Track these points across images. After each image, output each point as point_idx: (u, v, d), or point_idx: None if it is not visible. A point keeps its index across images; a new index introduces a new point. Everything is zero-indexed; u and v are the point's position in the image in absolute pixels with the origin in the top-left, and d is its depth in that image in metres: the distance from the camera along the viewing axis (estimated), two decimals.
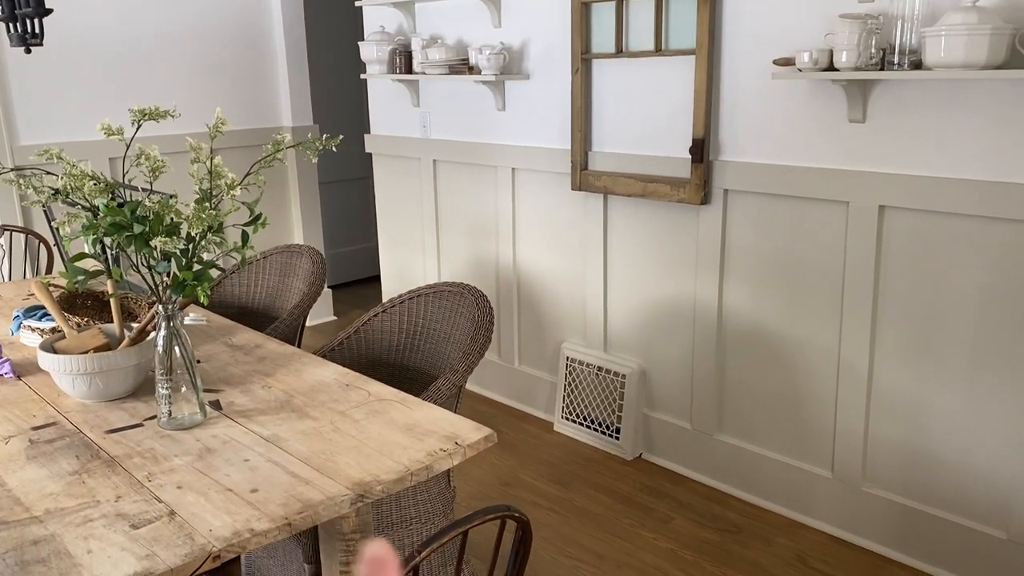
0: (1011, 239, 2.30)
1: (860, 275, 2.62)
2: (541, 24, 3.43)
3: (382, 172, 4.44)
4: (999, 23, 2.11)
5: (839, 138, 2.60)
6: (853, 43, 2.36)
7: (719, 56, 2.85)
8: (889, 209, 2.53)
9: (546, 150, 3.52)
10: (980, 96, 2.29)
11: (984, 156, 2.31)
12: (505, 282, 3.87)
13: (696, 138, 2.94)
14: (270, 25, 4.88)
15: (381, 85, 4.28)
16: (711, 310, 3.06)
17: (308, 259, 3.06)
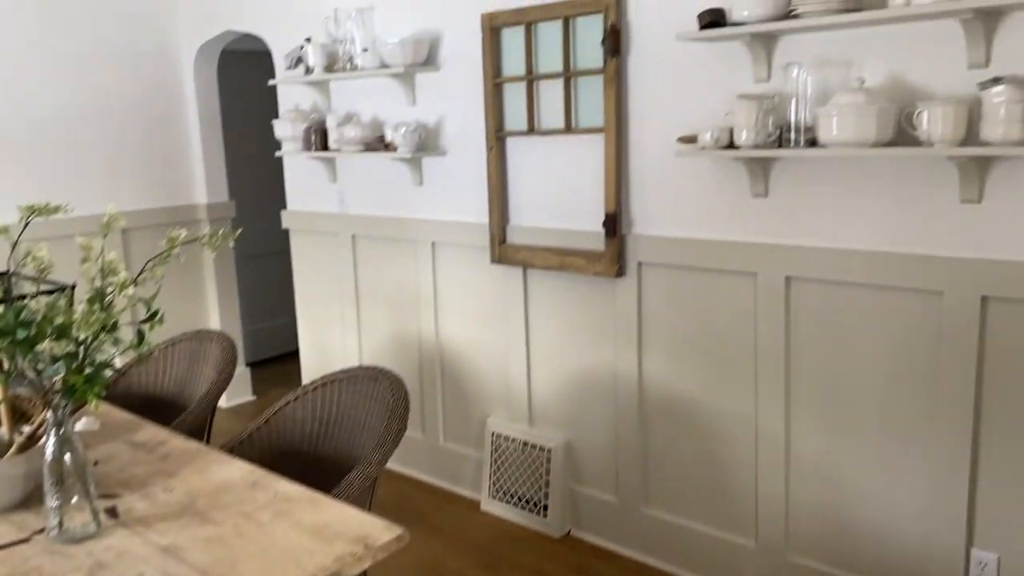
0: (909, 307, 2.38)
1: (771, 344, 2.67)
2: (455, 102, 3.47)
3: (300, 248, 4.38)
4: (884, 103, 2.21)
5: (744, 212, 2.68)
6: (751, 122, 2.44)
7: (627, 134, 2.92)
8: (795, 280, 2.60)
9: (465, 224, 3.53)
10: (871, 171, 2.39)
11: (879, 228, 2.40)
12: (428, 357, 3.83)
13: (609, 213, 2.98)
14: (182, 101, 4.82)
15: (297, 162, 4.25)
16: (632, 381, 3.07)
17: (218, 345, 2.97)
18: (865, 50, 2.35)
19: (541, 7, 3.04)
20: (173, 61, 4.76)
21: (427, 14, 3.49)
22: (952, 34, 2.18)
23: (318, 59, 3.75)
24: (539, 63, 3.13)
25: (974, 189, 2.20)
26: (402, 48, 3.38)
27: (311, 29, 3.90)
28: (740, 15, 2.43)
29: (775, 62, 2.53)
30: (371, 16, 3.66)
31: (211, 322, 5.05)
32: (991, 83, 2.04)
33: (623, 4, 2.84)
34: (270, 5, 4.19)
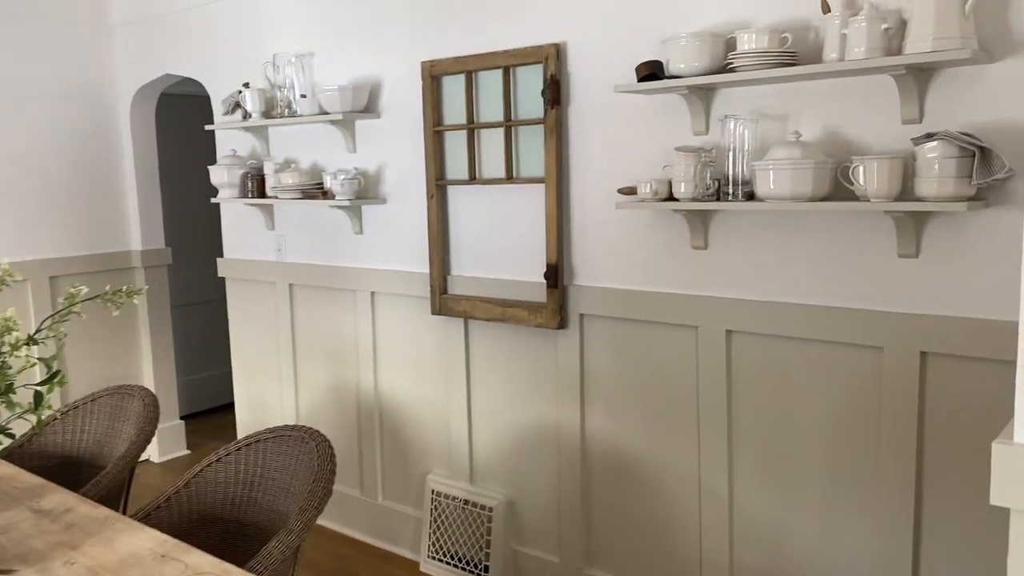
0: (850, 362, 2.34)
1: (713, 399, 2.61)
2: (396, 150, 3.41)
3: (236, 297, 4.24)
4: (821, 157, 2.20)
5: (684, 264, 2.64)
6: (690, 175, 2.41)
7: (568, 184, 2.88)
8: (736, 334, 2.55)
9: (405, 274, 3.44)
10: (810, 225, 2.37)
11: (818, 282, 2.38)
12: (367, 411, 3.70)
13: (550, 263, 2.92)
14: (118, 144, 4.68)
15: (235, 208, 4.14)
16: (574, 436, 2.99)
17: (139, 401, 2.82)
18: (801, 104, 2.35)
19: (481, 56, 3.01)
20: (109, 102, 4.63)
21: (367, 61, 3.44)
22: (886, 89, 2.18)
23: (256, 104, 3.67)
24: (480, 112, 3.09)
25: (911, 244, 2.19)
26: (341, 95, 3.32)
27: (250, 74, 3.83)
28: (678, 68, 2.41)
29: (713, 114, 2.51)
30: (311, 62, 3.60)
31: (144, 373, 4.85)
32: (924, 139, 2.04)
33: (563, 55, 2.82)
34: (209, 49, 4.11)
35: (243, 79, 3.85)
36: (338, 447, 3.84)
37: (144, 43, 4.46)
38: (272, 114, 3.70)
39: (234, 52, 3.97)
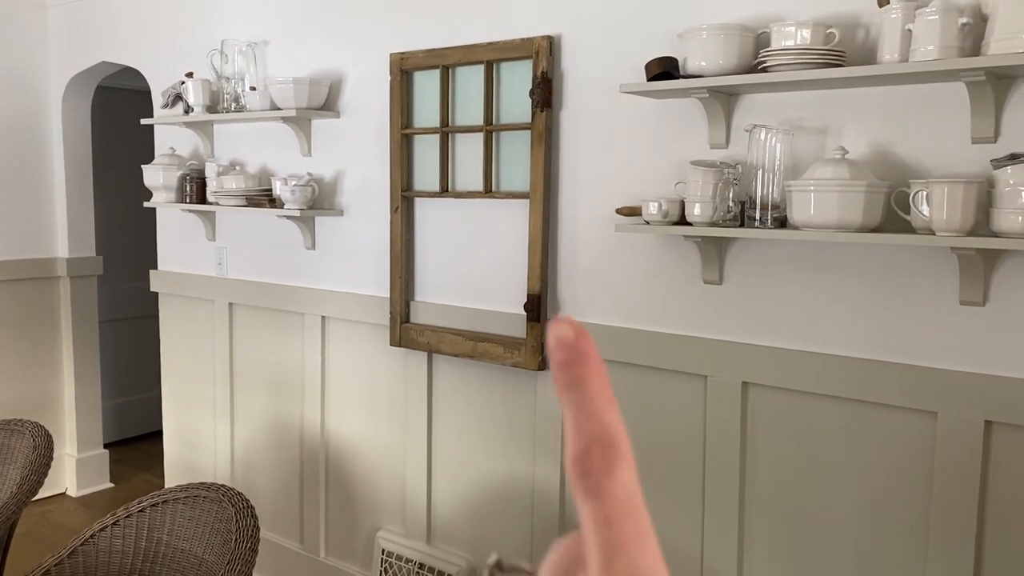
0: (895, 429, 1.94)
1: (723, 464, 2.19)
2: (357, 155, 2.96)
3: (170, 315, 3.74)
4: (874, 179, 1.80)
5: (693, 301, 2.22)
6: (707, 194, 2.01)
7: (557, 201, 2.46)
8: (754, 387, 2.14)
9: (362, 297, 2.99)
10: (851, 260, 1.97)
11: (858, 329, 1.97)
12: (311, 453, 3.22)
13: (532, 293, 2.50)
14: (46, 139, 4.17)
15: (171, 215, 3.65)
16: (552, 496, 2.55)
17: (30, 439, 2.32)
18: (844, 114, 1.95)
19: (460, 49, 2.58)
20: (37, 92, 4.13)
21: (328, 52, 3.00)
22: (954, 99, 1.80)
23: (199, 97, 3.21)
24: (456, 114, 2.67)
25: (977, 289, 1.80)
26: (296, 89, 2.87)
27: (196, 63, 3.37)
28: (697, 66, 2.01)
29: (734, 124, 2.11)
30: (264, 51, 3.16)
31: (65, 395, 4.31)
32: (1008, 160, 1.65)
33: (556, 50, 2.41)
34: (150, 35, 3.64)
35: (187, 69, 3.38)
36: (278, 492, 3.36)
37: (80, 27, 3.98)
38: (217, 109, 3.24)
39: (179, 39, 3.51)
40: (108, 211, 4.73)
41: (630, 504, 0.26)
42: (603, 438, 0.26)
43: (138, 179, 3.51)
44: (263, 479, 3.39)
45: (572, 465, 0.26)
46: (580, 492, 0.26)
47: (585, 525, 0.26)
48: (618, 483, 0.26)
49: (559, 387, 0.27)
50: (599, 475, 0.26)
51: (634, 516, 0.26)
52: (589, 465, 0.26)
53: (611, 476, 0.26)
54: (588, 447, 0.26)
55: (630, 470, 0.26)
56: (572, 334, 0.27)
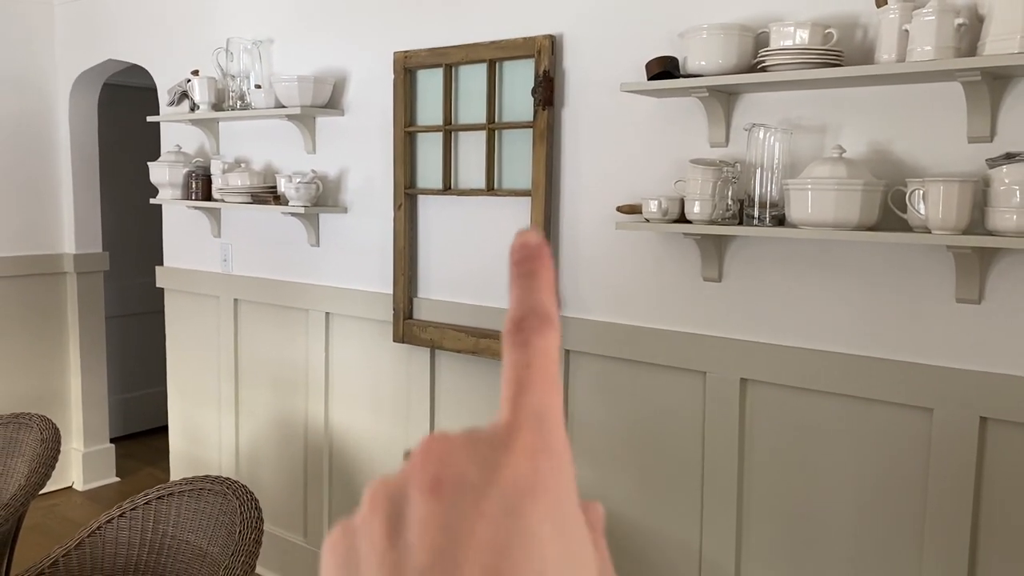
0: (891, 425, 1.96)
1: (722, 459, 2.21)
2: (361, 152, 2.99)
3: (175, 311, 3.77)
4: (871, 178, 1.82)
5: (693, 298, 2.25)
6: (707, 193, 2.03)
7: (558, 199, 2.48)
8: (752, 383, 2.16)
9: (365, 293, 3.01)
10: (849, 258, 1.99)
11: (855, 327, 1.99)
12: (314, 448, 3.25)
13: None
14: (54, 136, 4.20)
15: (177, 211, 3.68)
16: None
17: (37, 432, 2.35)
18: (842, 114, 1.97)
19: (463, 47, 2.61)
20: (44, 89, 4.16)
21: (333, 50, 3.03)
22: (950, 99, 1.82)
23: (205, 95, 3.23)
24: (459, 112, 2.69)
25: (973, 287, 1.82)
26: (301, 86, 2.90)
27: (202, 61, 3.40)
28: (697, 65, 2.03)
29: (734, 123, 2.13)
30: (269, 49, 3.18)
31: (72, 390, 4.35)
32: (1003, 159, 1.67)
33: (558, 48, 2.43)
34: (157, 33, 3.67)
35: (193, 67, 3.41)
36: (282, 486, 3.39)
37: (87, 24, 4.01)
38: (223, 106, 3.26)
39: (185, 36, 3.54)
40: (115, 207, 4.77)
41: (550, 360, 0.28)
42: (541, 311, 0.29)
43: (144, 176, 3.54)
44: (267, 473, 3.42)
45: (509, 324, 0.29)
46: (509, 344, 0.29)
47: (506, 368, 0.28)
48: (545, 342, 0.28)
49: (513, 275, 0.30)
50: (531, 332, 0.28)
51: (550, 368, 0.28)
52: (524, 325, 0.29)
53: (541, 336, 0.28)
54: (528, 313, 0.29)
55: (557, 339, 0.29)
56: (535, 240, 0.30)
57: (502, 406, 0.28)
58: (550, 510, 0.26)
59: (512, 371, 0.28)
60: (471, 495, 0.26)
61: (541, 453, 0.26)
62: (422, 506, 0.26)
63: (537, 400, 0.27)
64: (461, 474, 0.26)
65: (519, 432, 0.27)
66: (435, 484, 0.26)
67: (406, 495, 0.27)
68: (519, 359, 0.28)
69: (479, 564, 0.24)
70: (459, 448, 0.27)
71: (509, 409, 0.27)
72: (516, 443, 0.26)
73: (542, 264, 0.30)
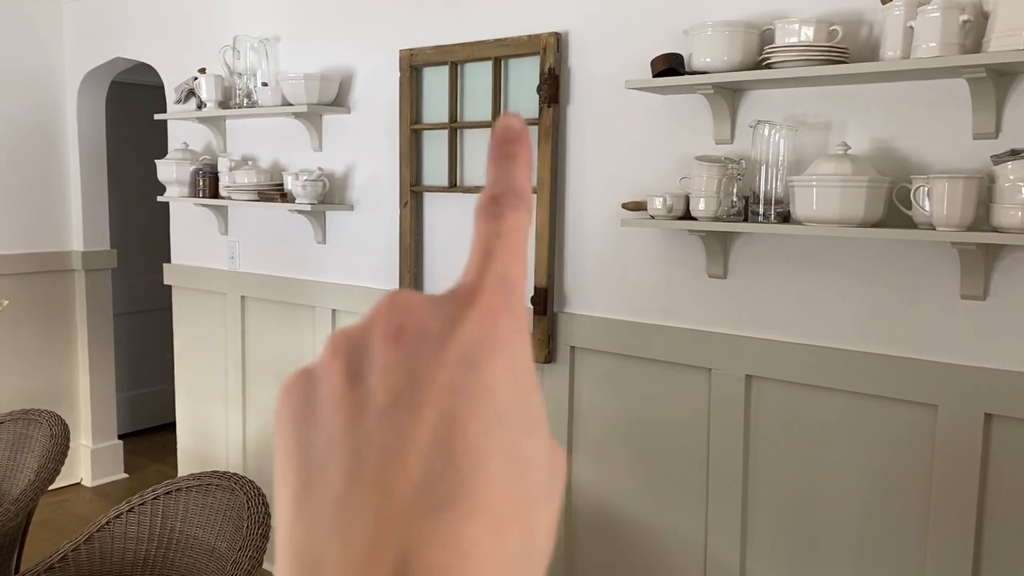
0: (896, 421, 1.96)
1: (727, 455, 2.22)
2: (367, 150, 3.00)
3: (183, 308, 3.79)
4: (875, 175, 1.83)
5: (698, 295, 2.25)
6: (712, 189, 2.03)
7: (563, 196, 2.49)
8: (757, 379, 2.17)
9: (371, 291, 3.03)
10: (854, 255, 1.99)
11: (860, 323, 2.00)
12: None
13: (538, 287, 2.53)
14: (62, 134, 4.23)
15: (184, 209, 3.70)
16: None
17: (47, 428, 2.37)
18: (847, 111, 1.98)
19: (468, 45, 2.61)
20: (52, 87, 4.18)
21: (339, 48, 3.04)
22: (955, 96, 1.82)
23: (212, 93, 3.25)
24: (464, 109, 2.70)
25: (978, 283, 1.82)
26: (307, 84, 2.91)
27: (208, 59, 3.41)
28: (702, 62, 2.04)
29: (739, 120, 2.14)
30: (275, 47, 3.20)
31: (80, 387, 4.37)
32: (1008, 156, 1.67)
33: (563, 46, 2.44)
34: (164, 31, 3.68)
35: (200, 65, 3.43)
36: None
37: (95, 23, 4.03)
38: (230, 104, 3.28)
39: (192, 35, 3.55)
40: (122, 205, 4.79)
41: (520, 235, 0.29)
42: (519, 191, 0.29)
43: (152, 174, 3.56)
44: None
45: (485, 198, 0.29)
46: (483, 215, 0.29)
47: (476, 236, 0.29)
48: (517, 218, 0.29)
49: (494, 154, 0.30)
50: (505, 207, 0.29)
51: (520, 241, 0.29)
52: (500, 200, 0.29)
53: (514, 212, 0.29)
54: (505, 192, 0.29)
55: (529, 219, 0.29)
56: (519, 124, 0.31)
57: (468, 269, 0.28)
58: (507, 364, 0.26)
59: (482, 239, 0.28)
60: (433, 344, 0.26)
61: (502, 311, 0.27)
62: (384, 352, 0.26)
63: (503, 266, 0.28)
64: (424, 324, 0.26)
65: (483, 292, 0.27)
66: (398, 331, 0.26)
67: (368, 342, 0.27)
68: (491, 228, 0.28)
69: (437, 406, 0.25)
70: (423, 301, 0.27)
71: (475, 271, 0.28)
72: (479, 301, 0.27)
73: (523, 147, 0.30)
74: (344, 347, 0.27)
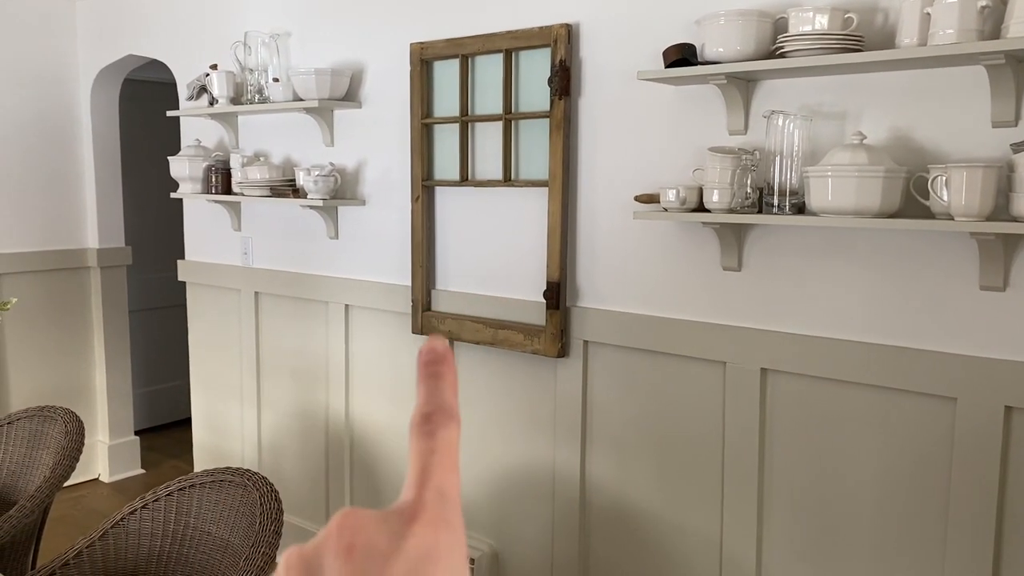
0: (914, 415, 1.93)
1: (742, 449, 2.20)
2: (378, 145, 2.99)
3: (197, 304, 3.80)
4: (892, 164, 1.80)
5: (712, 288, 2.23)
6: (725, 181, 2.01)
7: (575, 189, 2.47)
8: (772, 373, 2.14)
9: (384, 286, 3.02)
10: (870, 246, 1.97)
11: (877, 316, 1.97)
12: (336, 439, 3.27)
13: (551, 281, 2.51)
14: (76, 131, 4.24)
15: (197, 205, 3.71)
16: (573, 482, 2.57)
17: (62, 425, 2.38)
18: (863, 100, 1.94)
19: (479, 38, 2.60)
20: (68, 85, 4.20)
21: (349, 43, 3.03)
22: (973, 84, 1.78)
23: (224, 89, 3.25)
24: (475, 103, 2.68)
25: (998, 274, 1.79)
26: (318, 79, 2.90)
27: (220, 55, 3.41)
28: (715, 52, 2.01)
29: (753, 111, 2.11)
30: (287, 43, 3.19)
31: (97, 383, 4.40)
32: None
33: (574, 37, 2.42)
34: (175, 28, 3.69)
35: (212, 61, 3.43)
36: (304, 477, 3.42)
37: (107, 20, 4.04)
38: (241, 100, 3.28)
39: (203, 31, 3.55)
40: (137, 202, 4.81)
41: (451, 450, 0.33)
42: (446, 408, 0.34)
43: (165, 170, 3.57)
44: (290, 464, 3.45)
45: (418, 417, 0.34)
46: (417, 435, 0.33)
47: (413, 454, 0.33)
48: (448, 434, 0.33)
49: (421, 375, 0.35)
50: (436, 425, 0.33)
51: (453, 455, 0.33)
52: (432, 418, 0.33)
53: (445, 428, 0.33)
54: (435, 410, 0.34)
55: (458, 433, 0.33)
56: (442, 347, 0.36)
57: (408, 486, 0.32)
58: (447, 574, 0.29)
59: (419, 457, 0.32)
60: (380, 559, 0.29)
61: (442, 526, 0.30)
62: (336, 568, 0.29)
63: (440, 481, 0.31)
64: (372, 541, 0.29)
65: (424, 507, 0.30)
66: (349, 549, 0.29)
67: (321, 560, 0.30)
68: (425, 447, 0.32)
69: None
70: (370, 521, 0.30)
71: (415, 488, 0.31)
72: (421, 516, 0.30)
73: (447, 367, 0.35)
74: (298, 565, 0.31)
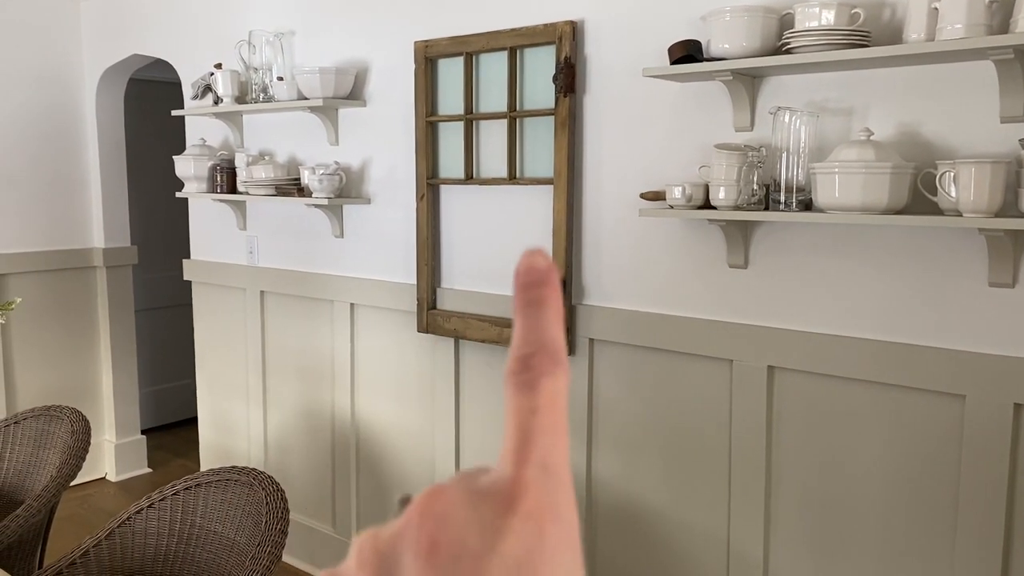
0: (922, 412, 1.92)
1: (749, 447, 2.19)
2: (383, 143, 2.99)
3: (202, 303, 3.81)
4: (899, 160, 1.79)
5: (718, 285, 2.22)
6: (732, 178, 2.00)
7: (581, 186, 2.46)
8: (779, 370, 2.13)
9: (390, 284, 3.02)
10: (878, 243, 1.95)
11: (885, 313, 1.96)
12: (342, 438, 3.27)
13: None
14: (81, 131, 4.25)
15: (203, 205, 3.71)
16: (579, 480, 2.56)
17: (68, 424, 2.38)
18: (870, 96, 1.93)
19: (484, 35, 2.59)
20: (72, 85, 4.20)
21: (354, 41, 3.03)
22: (982, 79, 1.77)
23: (228, 88, 3.25)
24: (480, 101, 2.68)
25: (1007, 270, 1.77)
26: (323, 78, 2.90)
27: (224, 54, 3.41)
28: (721, 49, 2.00)
29: (759, 107, 2.10)
30: (291, 41, 3.19)
31: (103, 383, 4.41)
32: None
33: (579, 34, 2.41)
34: (180, 27, 3.69)
35: (216, 60, 3.43)
36: (310, 476, 3.42)
37: (112, 20, 4.04)
38: (246, 99, 3.28)
39: (207, 30, 3.55)
40: (142, 201, 4.82)
41: (558, 405, 0.26)
42: (551, 347, 0.27)
43: (170, 170, 3.57)
44: (296, 463, 3.45)
45: (515, 362, 0.26)
46: (514, 386, 0.26)
47: (510, 412, 0.26)
48: (553, 384, 0.26)
49: (519, 303, 0.28)
50: (539, 373, 0.26)
51: (559, 415, 0.26)
52: (532, 363, 0.26)
53: (551, 377, 0.26)
54: (536, 350, 0.27)
55: (565, 380, 0.27)
56: (544, 263, 0.28)
57: (505, 456, 0.26)
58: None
59: (517, 417, 0.26)
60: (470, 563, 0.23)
61: (548, 515, 0.25)
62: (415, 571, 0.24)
63: (544, 453, 0.25)
64: (460, 538, 0.24)
65: (525, 490, 0.25)
66: (432, 548, 0.24)
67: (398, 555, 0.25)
68: (525, 403, 0.26)
69: None
70: (459, 507, 0.25)
71: (513, 462, 0.25)
72: (520, 505, 0.24)
73: (552, 291, 0.27)
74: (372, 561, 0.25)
